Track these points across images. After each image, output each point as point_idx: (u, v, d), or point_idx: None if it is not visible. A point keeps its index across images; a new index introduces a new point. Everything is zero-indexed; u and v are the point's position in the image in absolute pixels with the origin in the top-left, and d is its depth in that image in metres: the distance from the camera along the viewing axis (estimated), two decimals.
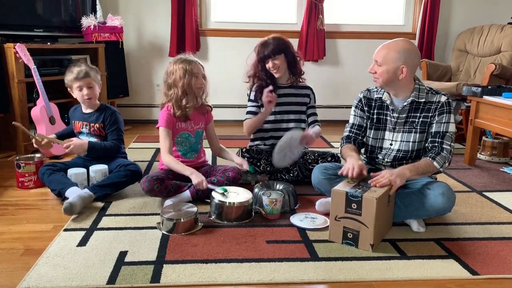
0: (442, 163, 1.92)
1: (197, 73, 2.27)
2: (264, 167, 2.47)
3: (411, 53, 1.93)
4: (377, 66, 1.96)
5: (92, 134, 2.48)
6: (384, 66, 1.93)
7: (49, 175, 2.30)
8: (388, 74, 1.93)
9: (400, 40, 1.96)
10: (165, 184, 2.18)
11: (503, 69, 3.46)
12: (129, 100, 4.25)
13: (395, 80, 1.94)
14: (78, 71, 2.40)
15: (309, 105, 2.62)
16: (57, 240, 1.82)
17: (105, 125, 2.47)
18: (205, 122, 2.44)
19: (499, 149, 3.16)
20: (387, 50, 1.93)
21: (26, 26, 3.25)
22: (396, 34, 4.41)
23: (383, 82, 1.97)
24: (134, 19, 4.23)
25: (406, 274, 1.61)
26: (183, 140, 2.36)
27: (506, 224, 2.08)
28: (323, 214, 2.11)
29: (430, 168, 1.92)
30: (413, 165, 1.91)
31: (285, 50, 2.47)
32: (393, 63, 1.91)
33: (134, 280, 1.53)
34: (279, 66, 2.45)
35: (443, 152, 1.93)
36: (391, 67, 1.92)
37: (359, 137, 2.14)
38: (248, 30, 4.28)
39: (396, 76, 1.93)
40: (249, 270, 1.61)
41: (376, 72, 1.96)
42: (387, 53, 1.92)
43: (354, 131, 2.15)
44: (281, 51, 2.45)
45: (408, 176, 1.87)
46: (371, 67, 1.99)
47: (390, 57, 1.91)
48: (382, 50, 1.95)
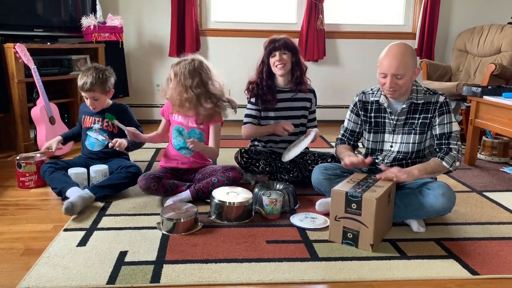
0: (451, 163, 1.92)
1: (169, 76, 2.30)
2: (263, 167, 2.47)
3: (414, 53, 1.95)
4: (398, 79, 1.88)
5: (104, 130, 2.47)
6: (407, 75, 1.89)
7: (51, 173, 2.30)
8: (410, 81, 1.91)
9: (400, 44, 1.91)
10: (162, 183, 2.19)
11: (503, 69, 3.46)
12: (129, 100, 4.24)
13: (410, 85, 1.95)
14: (83, 82, 2.37)
15: (310, 109, 2.60)
16: (57, 240, 1.82)
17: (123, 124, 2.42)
18: (207, 126, 2.38)
19: (499, 149, 3.16)
20: (403, 58, 1.87)
21: (26, 26, 3.25)
22: (396, 34, 4.45)
23: (404, 91, 1.94)
24: (134, 19, 4.23)
25: (406, 274, 1.61)
26: (177, 134, 2.36)
27: (506, 224, 2.08)
28: (323, 214, 2.11)
29: (440, 168, 1.92)
30: (422, 165, 1.92)
31: (294, 51, 2.46)
32: (411, 68, 1.89)
33: (134, 280, 1.53)
34: (285, 62, 2.43)
35: (452, 152, 1.93)
36: (411, 73, 1.90)
37: (351, 142, 2.17)
38: (248, 30, 4.28)
39: (411, 80, 1.93)
40: (249, 270, 1.61)
41: (398, 84, 1.90)
42: (406, 62, 1.87)
43: (347, 135, 2.18)
44: (290, 49, 2.44)
45: (417, 175, 1.88)
46: (390, 82, 1.88)
47: (409, 65, 1.88)
48: (400, 61, 1.86)
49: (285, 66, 2.44)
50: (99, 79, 2.38)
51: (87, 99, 2.42)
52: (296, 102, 2.55)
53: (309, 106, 2.59)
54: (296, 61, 2.48)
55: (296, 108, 2.55)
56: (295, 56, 2.47)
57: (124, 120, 2.44)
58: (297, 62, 2.49)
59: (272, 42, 2.45)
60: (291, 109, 2.54)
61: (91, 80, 2.36)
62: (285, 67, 2.45)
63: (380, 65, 1.92)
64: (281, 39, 2.45)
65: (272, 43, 2.45)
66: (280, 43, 2.42)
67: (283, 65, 2.43)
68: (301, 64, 2.51)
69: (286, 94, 2.53)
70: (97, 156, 2.48)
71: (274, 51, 2.43)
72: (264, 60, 2.49)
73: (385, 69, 1.89)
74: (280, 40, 2.44)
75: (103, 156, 2.48)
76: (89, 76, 2.37)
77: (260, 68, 2.51)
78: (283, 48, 2.42)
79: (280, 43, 2.42)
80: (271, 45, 2.44)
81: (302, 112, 2.57)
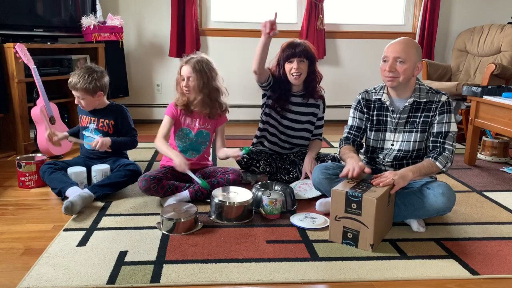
0: (444, 163, 1.92)
1: (183, 75, 2.28)
2: (263, 168, 2.47)
3: (420, 49, 1.94)
4: (398, 63, 1.88)
5: (99, 130, 2.47)
6: (408, 62, 1.87)
7: (50, 173, 2.30)
8: (410, 71, 1.89)
9: (408, 38, 1.94)
10: (162, 184, 2.18)
11: (503, 69, 3.46)
12: (129, 100, 4.24)
13: (410, 78, 1.93)
14: (70, 80, 2.39)
15: (318, 116, 2.56)
16: (57, 240, 1.82)
17: (118, 123, 2.48)
18: (213, 125, 2.40)
19: (499, 149, 3.16)
20: (406, 46, 1.87)
21: (26, 26, 3.25)
22: (396, 34, 4.41)
23: (403, 80, 1.91)
24: (134, 19, 4.23)
25: (406, 274, 1.61)
26: (183, 136, 2.36)
27: (506, 224, 2.08)
28: (323, 214, 2.11)
29: (433, 169, 1.92)
30: (416, 166, 1.91)
31: (312, 59, 2.37)
32: (414, 59, 1.88)
33: (134, 280, 1.53)
34: (302, 71, 2.34)
35: (445, 152, 1.93)
36: (412, 63, 1.88)
37: (357, 139, 2.13)
38: (248, 30, 4.27)
39: (413, 73, 1.91)
40: (249, 270, 1.61)
41: (397, 70, 1.89)
42: (409, 49, 1.86)
43: (353, 132, 2.14)
44: (308, 57, 2.35)
45: (411, 177, 1.86)
46: (390, 65, 1.88)
47: (413, 53, 1.87)
48: (403, 46, 1.87)
49: (301, 76, 2.36)
50: (84, 80, 2.36)
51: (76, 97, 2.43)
52: (306, 108, 2.51)
53: (317, 113, 2.55)
54: (313, 71, 2.40)
55: (304, 113, 2.52)
56: (312, 65, 2.39)
57: (118, 120, 2.47)
58: (314, 71, 2.41)
59: (291, 46, 2.34)
60: (299, 114, 2.51)
61: (75, 79, 2.37)
62: (300, 77, 2.37)
63: (384, 52, 1.94)
64: (300, 44, 2.34)
65: (291, 48, 2.34)
66: (300, 49, 2.32)
67: (299, 75, 2.35)
68: (316, 73, 2.44)
69: (297, 98, 2.49)
70: (95, 155, 2.48)
71: (293, 57, 2.33)
72: (280, 63, 2.39)
73: (387, 53, 1.91)
74: (300, 45, 2.34)
75: (101, 155, 2.48)
76: (75, 76, 2.38)
77: (276, 70, 2.43)
78: (303, 55, 2.32)
79: (300, 49, 2.31)
80: (290, 50, 2.33)
81: (309, 117, 2.53)
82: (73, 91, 2.41)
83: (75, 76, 2.38)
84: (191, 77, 2.26)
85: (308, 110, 2.53)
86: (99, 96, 2.43)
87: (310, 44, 2.41)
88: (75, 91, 2.40)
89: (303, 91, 2.48)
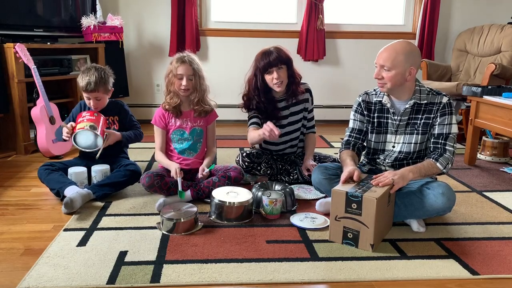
0: (445, 164, 1.92)
1: (181, 74, 2.25)
2: (264, 170, 2.46)
3: (415, 53, 1.92)
4: (384, 71, 1.89)
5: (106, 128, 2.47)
6: (393, 70, 1.87)
7: (48, 174, 2.30)
8: (397, 77, 1.89)
9: (402, 41, 1.92)
10: (165, 180, 2.19)
11: (503, 69, 3.46)
12: (129, 100, 4.24)
13: (402, 83, 1.92)
14: (87, 82, 2.34)
15: (308, 109, 2.55)
16: (57, 240, 1.82)
17: (121, 118, 2.49)
18: (205, 122, 2.41)
19: (499, 149, 3.16)
20: (394, 53, 1.87)
21: (26, 26, 3.25)
22: (396, 34, 4.45)
23: (391, 87, 1.92)
24: (134, 19, 4.23)
25: (406, 274, 1.61)
26: (178, 138, 2.36)
27: (506, 224, 2.08)
28: (323, 214, 2.11)
29: (434, 170, 1.92)
30: (416, 167, 1.91)
31: (288, 62, 2.36)
32: (402, 66, 1.87)
33: (134, 280, 1.53)
34: (283, 79, 2.33)
35: (446, 154, 1.93)
36: (401, 70, 1.87)
37: (359, 141, 2.12)
38: (248, 30, 4.27)
39: (404, 78, 1.90)
40: (249, 270, 1.61)
41: (384, 78, 1.91)
42: (396, 56, 1.86)
43: (354, 135, 2.13)
44: (285, 62, 2.34)
45: (411, 177, 1.86)
46: (376, 72, 1.92)
47: (399, 60, 1.86)
48: (389, 54, 1.87)
49: (283, 82, 2.36)
50: (101, 79, 2.37)
51: (90, 99, 2.39)
52: (295, 106, 2.50)
53: (308, 106, 2.55)
54: (291, 73, 2.39)
55: (296, 112, 2.51)
56: (290, 68, 2.37)
57: (121, 116, 2.49)
58: (292, 73, 2.40)
59: (265, 57, 2.31)
60: (292, 115, 2.50)
61: (94, 80, 2.34)
62: (283, 83, 2.36)
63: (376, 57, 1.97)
64: (273, 52, 2.32)
65: (265, 58, 2.31)
66: (274, 57, 2.29)
67: (281, 82, 2.34)
68: (295, 74, 2.42)
69: (283, 102, 2.48)
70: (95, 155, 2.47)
71: (270, 67, 2.31)
72: (257, 74, 2.37)
73: (376, 59, 1.93)
74: (272, 53, 2.31)
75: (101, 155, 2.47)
76: (91, 76, 2.34)
77: (253, 83, 2.40)
78: (279, 62, 2.30)
79: (273, 57, 2.29)
80: (265, 60, 2.31)
81: (302, 114, 2.54)
82: (91, 94, 2.36)
83: (90, 77, 2.34)
84: (192, 75, 2.26)
85: (299, 108, 2.52)
86: (110, 93, 2.47)
87: (281, 47, 2.38)
88: (93, 93, 2.36)
89: (285, 94, 2.46)
